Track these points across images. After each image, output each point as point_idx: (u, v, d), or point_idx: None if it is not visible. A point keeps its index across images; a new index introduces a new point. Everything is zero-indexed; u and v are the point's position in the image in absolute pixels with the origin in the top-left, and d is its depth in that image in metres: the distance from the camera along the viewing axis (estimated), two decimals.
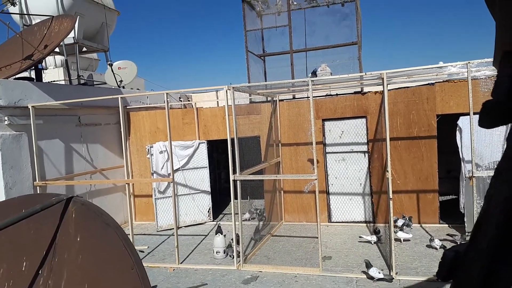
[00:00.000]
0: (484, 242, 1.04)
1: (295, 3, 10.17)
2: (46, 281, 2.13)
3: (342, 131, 9.07)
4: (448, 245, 6.79)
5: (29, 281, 2.23)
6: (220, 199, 11.83)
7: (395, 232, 7.33)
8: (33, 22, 10.35)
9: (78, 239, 2.04)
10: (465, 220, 7.64)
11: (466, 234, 7.57)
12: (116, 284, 1.77)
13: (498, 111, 0.99)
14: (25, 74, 9.17)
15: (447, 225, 8.38)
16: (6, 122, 7.34)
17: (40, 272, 2.21)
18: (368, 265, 6.06)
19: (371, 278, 6.00)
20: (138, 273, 1.71)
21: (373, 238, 7.59)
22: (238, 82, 7.07)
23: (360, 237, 7.80)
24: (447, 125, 8.24)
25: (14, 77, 8.21)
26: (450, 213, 8.57)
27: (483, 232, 1.06)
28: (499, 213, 0.99)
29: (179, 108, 12.02)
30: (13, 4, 9.85)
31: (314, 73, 9.73)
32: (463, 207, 7.68)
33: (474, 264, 1.08)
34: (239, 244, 7.01)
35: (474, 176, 6.20)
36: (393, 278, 5.98)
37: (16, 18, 10.58)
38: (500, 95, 0.97)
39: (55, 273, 2.09)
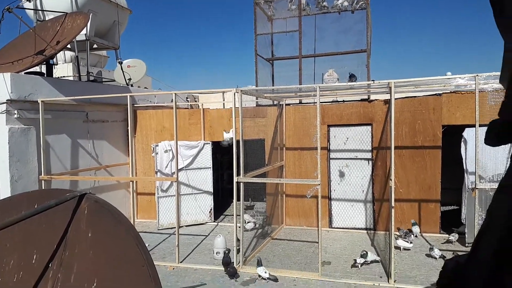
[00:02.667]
0: (486, 254, 1.08)
1: (306, 9, 10.22)
2: (56, 275, 2.20)
3: (347, 138, 9.11)
4: (448, 255, 6.80)
5: (38, 273, 2.29)
6: (222, 200, 11.88)
7: (396, 239, 7.37)
8: (47, 18, 10.47)
9: (90, 235, 2.10)
10: (465, 231, 7.66)
11: (466, 245, 7.59)
12: (126, 281, 1.83)
13: (504, 131, 1.03)
14: (36, 68, 9.27)
15: (447, 235, 8.38)
16: (15, 116, 7.44)
17: (50, 265, 2.27)
18: (259, 263, 6.54)
19: (259, 276, 6.47)
20: (149, 271, 1.76)
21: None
22: (245, 85, 7.13)
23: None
24: (452, 136, 8.27)
25: (25, 71, 8.31)
26: (451, 223, 8.58)
27: (485, 245, 1.11)
28: (502, 227, 1.03)
29: (185, 108, 12.10)
30: None
31: (353, 76, 9.54)
32: (465, 218, 7.69)
33: (475, 275, 1.12)
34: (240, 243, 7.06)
35: (477, 188, 6.22)
36: (277, 280, 6.39)
37: (30, 13, 10.70)
38: (506, 115, 1.01)
39: (65, 267, 2.15)
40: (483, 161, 7.03)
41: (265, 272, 6.43)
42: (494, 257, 1.06)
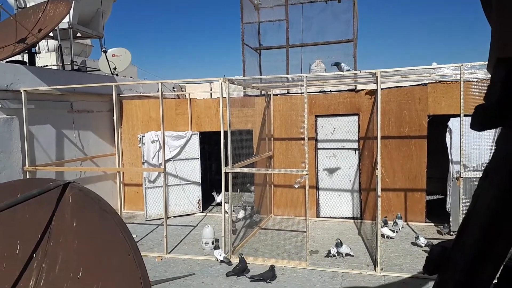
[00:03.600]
0: (470, 239, 1.09)
1: None
2: (40, 265, 2.16)
3: (334, 128, 9.15)
4: (434, 244, 6.92)
5: (23, 264, 2.25)
6: (210, 190, 11.85)
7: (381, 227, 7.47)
8: (28, 5, 10.20)
9: (74, 224, 2.07)
10: (450, 219, 7.80)
11: (451, 233, 7.73)
12: (112, 269, 1.81)
13: (489, 115, 1.03)
14: (17, 57, 9.05)
15: (432, 224, 8.54)
16: None
17: (34, 255, 2.23)
18: (216, 247, 6.96)
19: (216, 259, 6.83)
20: (135, 259, 1.74)
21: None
22: (232, 75, 7.08)
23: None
24: (436, 126, 8.37)
25: (6, 60, 8.10)
26: (436, 212, 8.73)
27: (469, 230, 1.12)
28: (485, 213, 1.04)
29: (172, 98, 11.98)
30: None
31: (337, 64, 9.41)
32: (450, 207, 7.83)
33: (459, 259, 1.13)
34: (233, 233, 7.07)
35: (462, 177, 6.32)
36: (231, 262, 6.71)
37: (10, 0, 10.41)
38: (492, 100, 1.01)
39: (49, 257, 2.11)
40: (468, 151, 7.13)
41: (220, 255, 6.83)
42: (475, 244, 1.07)
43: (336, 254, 6.80)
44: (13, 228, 2.35)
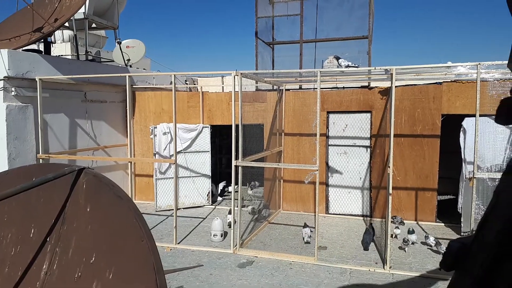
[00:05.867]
0: (491, 234, 1.07)
1: None
2: (54, 249, 2.19)
3: (346, 125, 9.09)
4: (445, 243, 6.86)
5: (36, 247, 2.28)
6: (219, 183, 11.88)
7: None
8: None
9: (88, 210, 2.09)
10: (461, 220, 7.71)
11: (462, 234, 7.65)
12: (126, 255, 1.82)
13: None
14: (33, 46, 9.15)
15: (443, 224, 8.46)
16: (13, 93, 7.37)
17: (48, 239, 2.26)
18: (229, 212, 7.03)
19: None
20: (149, 245, 1.75)
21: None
22: (244, 69, 7.05)
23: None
24: (449, 125, 8.26)
25: (22, 48, 8.20)
26: (447, 212, 8.64)
27: (489, 225, 1.10)
28: (508, 207, 1.02)
29: (184, 91, 12.02)
30: None
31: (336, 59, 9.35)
32: (461, 208, 7.74)
33: (478, 255, 1.11)
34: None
35: (475, 177, 6.24)
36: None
37: None
38: None
39: (63, 241, 2.14)
40: (482, 151, 7.03)
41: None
42: (496, 239, 1.06)
43: (409, 240, 6.97)
44: (28, 212, 2.39)
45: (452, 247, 1.21)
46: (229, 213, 8.18)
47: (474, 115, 6.29)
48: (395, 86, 6.78)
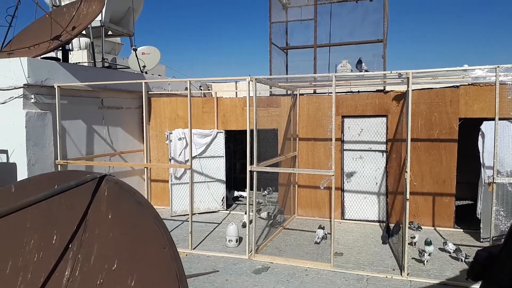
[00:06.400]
0: None
1: None
2: (76, 255, 2.22)
3: (362, 129, 9.02)
4: (463, 249, 6.73)
5: (59, 254, 2.32)
6: (234, 189, 11.91)
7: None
8: (62, 3, 10.51)
9: (110, 216, 2.11)
10: (480, 226, 7.56)
11: (481, 240, 7.50)
12: (147, 262, 1.83)
13: None
14: (52, 54, 9.34)
15: (461, 230, 8.30)
16: (32, 100, 7.52)
17: (70, 246, 2.29)
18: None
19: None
20: (171, 252, 1.76)
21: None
22: (257, 74, 7.06)
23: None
24: (466, 129, 8.12)
25: (41, 56, 8.37)
26: (466, 218, 8.48)
27: None
28: None
29: (199, 96, 12.10)
30: None
31: (360, 62, 9.35)
32: (480, 213, 7.59)
33: (506, 264, 1.09)
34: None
35: (495, 182, 6.12)
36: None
37: None
38: None
39: (85, 248, 2.17)
40: (501, 155, 6.89)
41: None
42: None
43: (427, 252, 6.55)
44: (50, 219, 2.43)
45: (480, 256, 1.19)
46: (245, 213, 8.22)
47: (492, 119, 6.18)
48: (412, 90, 6.71)
